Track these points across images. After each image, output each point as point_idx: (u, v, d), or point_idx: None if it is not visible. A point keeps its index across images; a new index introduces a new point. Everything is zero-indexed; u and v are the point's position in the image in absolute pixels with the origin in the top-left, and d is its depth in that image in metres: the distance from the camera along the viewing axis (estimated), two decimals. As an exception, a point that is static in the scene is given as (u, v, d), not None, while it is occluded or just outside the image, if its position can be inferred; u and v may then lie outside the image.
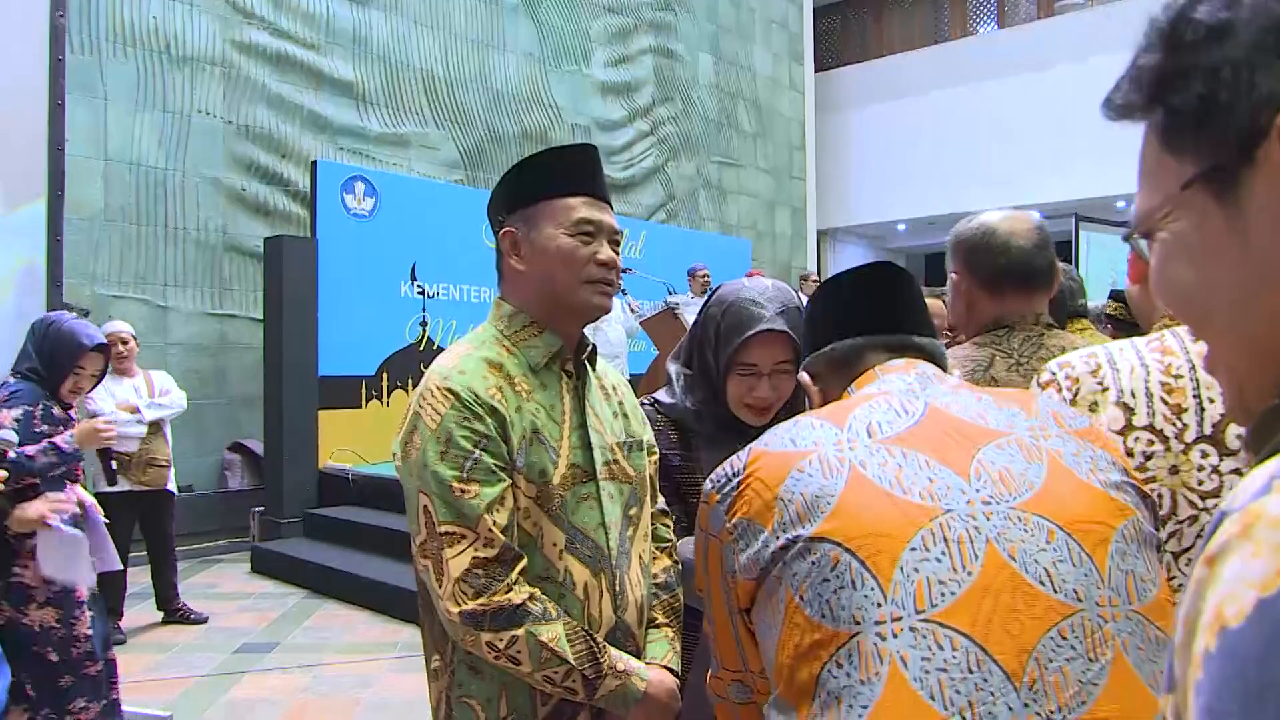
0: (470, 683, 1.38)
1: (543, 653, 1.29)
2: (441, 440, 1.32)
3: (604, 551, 1.41)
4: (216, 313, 7.29)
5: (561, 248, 1.40)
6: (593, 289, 1.42)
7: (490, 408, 1.34)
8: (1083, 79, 12.29)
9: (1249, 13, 0.43)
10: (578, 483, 1.40)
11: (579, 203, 1.42)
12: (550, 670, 1.30)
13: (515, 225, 1.44)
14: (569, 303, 1.42)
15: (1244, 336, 0.42)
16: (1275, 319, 0.40)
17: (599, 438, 1.45)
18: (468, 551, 1.29)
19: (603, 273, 1.42)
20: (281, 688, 4.05)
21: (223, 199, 7.32)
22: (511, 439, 1.35)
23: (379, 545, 5.81)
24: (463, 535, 1.29)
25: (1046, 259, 1.72)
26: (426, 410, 1.35)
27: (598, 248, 1.42)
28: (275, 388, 6.68)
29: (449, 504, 1.30)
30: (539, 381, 1.42)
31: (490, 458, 1.32)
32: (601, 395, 1.54)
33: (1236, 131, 0.43)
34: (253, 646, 4.63)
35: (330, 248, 7.03)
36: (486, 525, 1.29)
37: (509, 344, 1.43)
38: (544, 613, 1.31)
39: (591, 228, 1.41)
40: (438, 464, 1.31)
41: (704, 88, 12.05)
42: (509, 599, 1.28)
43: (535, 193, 1.43)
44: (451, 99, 9.00)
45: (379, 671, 4.26)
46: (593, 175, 1.46)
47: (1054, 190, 12.60)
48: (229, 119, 7.37)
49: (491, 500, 1.30)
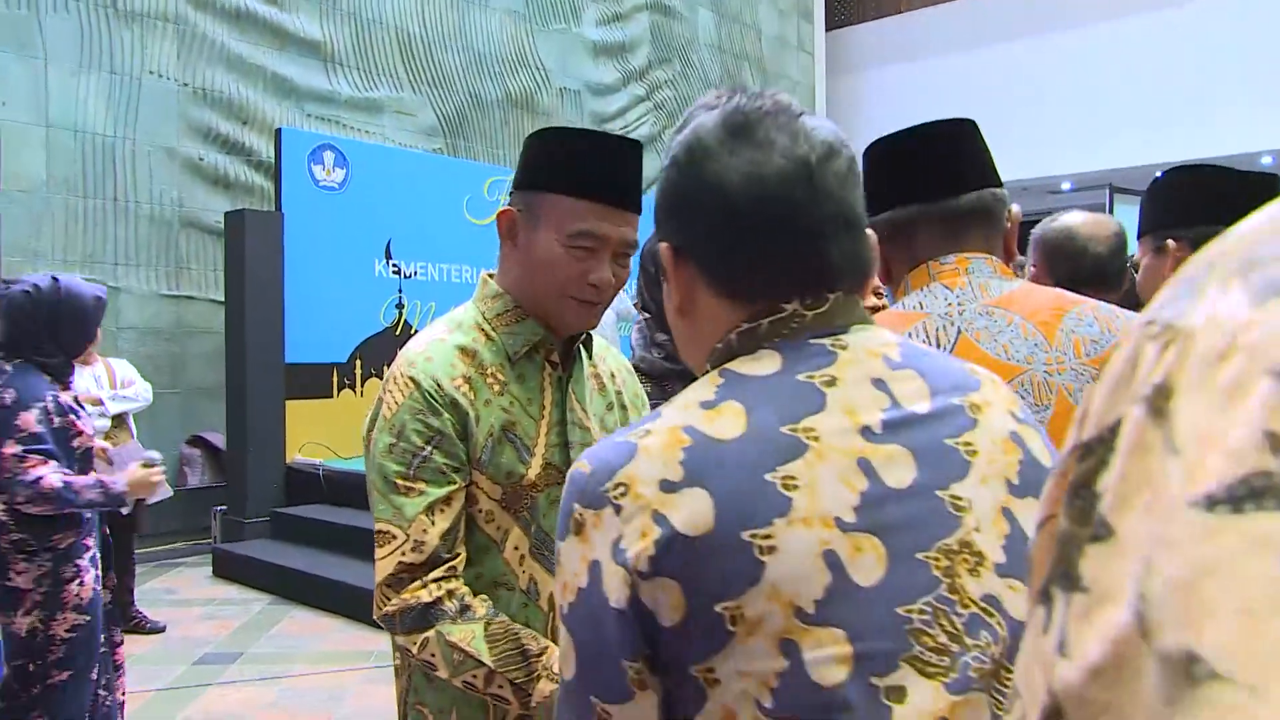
0: (424, 690, 1.39)
1: (454, 654, 1.26)
2: (394, 432, 1.32)
3: None
4: (172, 294, 7.26)
5: (552, 257, 1.35)
6: (574, 306, 1.38)
7: (451, 401, 1.33)
8: (1118, 40, 12.26)
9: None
10: (552, 484, 1.38)
11: (588, 209, 1.33)
12: (468, 675, 1.27)
13: (518, 206, 1.40)
14: (545, 313, 1.40)
15: None
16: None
17: (582, 435, 1.43)
18: (394, 555, 1.29)
19: (590, 294, 1.36)
20: (246, 702, 4.04)
21: (178, 169, 7.28)
22: (474, 435, 1.34)
23: (352, 547, 5.80)
24: (393, 536, 1.30)
25: (1120, 263, 2.02)
26: (388, 396, 1.36)
27: (593, 266, 1.35)
28: (238, 376, 6.65)
29: (388, 500, 1.31)
30: (516, 373, 1.40)
31: (442, 456, 1.32)
32: (595, 386, 1.51)
33: None
34: (214, 657, 4.62)
35: (297, 223, 6.98)
36: (420, 527, 1.29)
37: (488, 328, 1.41)
38: (461, 610, 1.28)
39: (592, 243, 1.34)
40: (385, 457, 1.32)
41: (705, 48, 12.00)
42: (418, 597, 1.28)
43: (546, 179, 1.36)
44: (429, 60, 8.95)
45: (352, 683, 4.25)
46: (618, 178, 1.36)
47: (1087, 160, 12.58)
48: (184, 81, 7.32)
49: (434, 501, 1.30)
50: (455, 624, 1.27)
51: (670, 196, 0.93)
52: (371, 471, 1.34)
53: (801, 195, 0.84)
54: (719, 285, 0.88)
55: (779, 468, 0.76)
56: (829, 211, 0.85)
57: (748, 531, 0.74)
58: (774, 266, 0.86)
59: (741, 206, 0.85)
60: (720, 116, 0.90)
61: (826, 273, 0.85)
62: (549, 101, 9.88)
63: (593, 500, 0.79)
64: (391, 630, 1.31)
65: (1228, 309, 0.25)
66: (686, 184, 0.90)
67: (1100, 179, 12.57)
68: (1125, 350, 0.28)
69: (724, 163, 0.86)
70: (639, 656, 0.76)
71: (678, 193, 0.92)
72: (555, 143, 1.40)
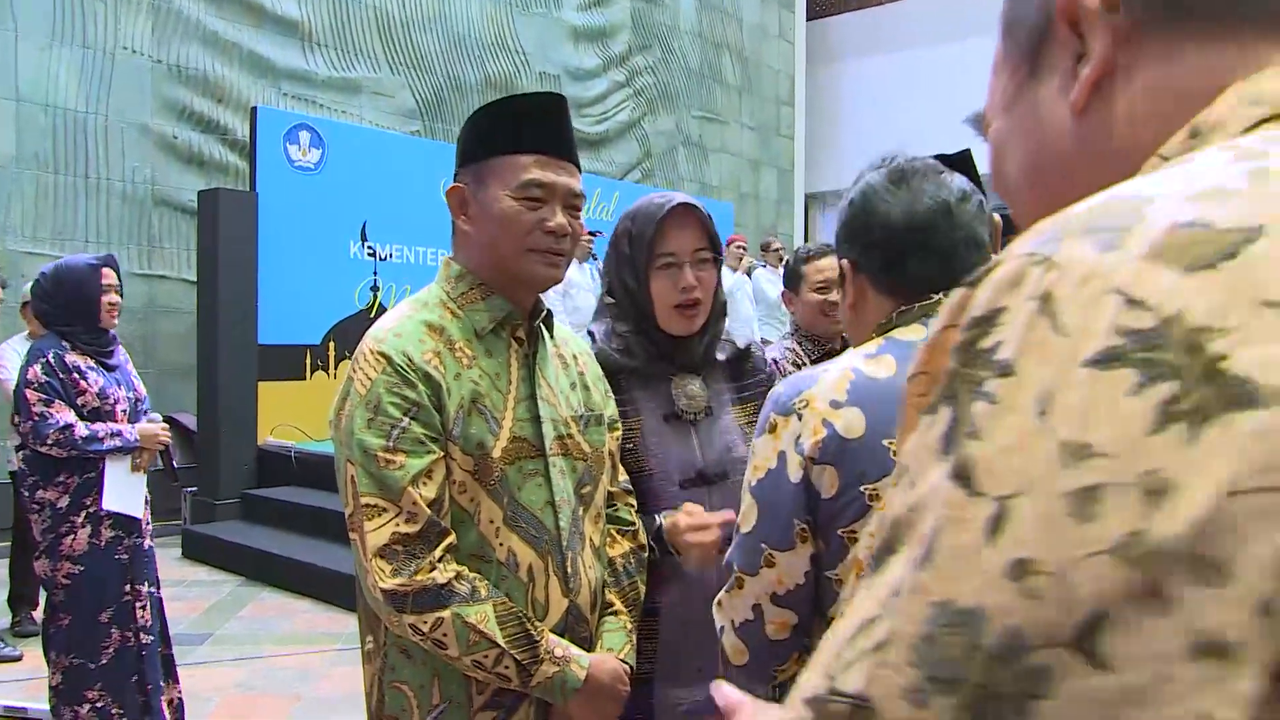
0: (403, 667, 1.39)
1: (470, 635, 1.30)
2: (370, 407, 1.33)
3: (551, 532, 1.41)
4: (144, 273, 7.19)
5: (505, 212, 1.39)
6: (539, 258, 1.42)
7: (424, 374, 1.35)
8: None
9: None
10: (523, 457, 1.40)
11: (531, 161, 1.40)
12: (479, 654, 1.30)
13: (465, 181, 1.44)
14: (513, 272, 1.43)
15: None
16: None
17: (551, 410, 1.46)
18: (388, 526, 1.30)
19: (549, 241, 1.41)
20: (214, 682, 4.03)
21: (151, 147, 7.20)
22: (447, 407, 1.36)
23: (323, 529, 5.78)
24: (384, 508, 1.31)
25: None
26: (358, 375, 1.37)
27: (546, 214, 1.40)
28: (210, 357, 6.61)
29: (372, 474, 1.32)
30: (484, 348, 1.43)
31: (420, 427, 1.33)
32: (559, 364, 1.54)
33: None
34: (183, 638, 4.59)
35: (272, 203, 6.93)
36: (410, 498, 1.30)
37: (454, 306, 1.44)
38: (472, 592, 1.31)
39: (541, 191, 1.40)
40: (364, 432, 1.33)
41: (685, 35, 11.98)
42: (433, 578, 1.29)
43: (487, 147, 1.43)
44: (408, 41, 8.88)
45: (321, 664, 4.24)
46: (552, 129, 1.44)
47: (1062, 154, 12.68)
48: (158, 58, 7.23)
49: (418, 472, 1.32)
50: (470, 605, 1.30)
51: (848, 227, 1.26)
52: (349, 449, 1.34)
53: (943, 225, 1.19)
54: (881, 287, 1.23)
55: None
56: (960, 236, 1.20)
57: (887, 439, 1.10)
58: (918, 271, 1.20)
59: (901, 233, 1.20)
60: (885, 172, 1.24)
61: (958, 276, 1.12)
62: (528, 85, 9.84)
63: (784, 410, 1.18)
64: (399, 608, 1.29)
65: (1081, 253, 0.38)
66: (861, 218, 1.24)
67: (1075, 174, 12.66)
68: (1010, 267, 0.40)
69: (888, 202, 1.21)
70: (804, 519, 1.14)
71: (855, 225, 1.25)
72: (490, 113, 1.45)
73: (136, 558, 3.21)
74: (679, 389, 1.76)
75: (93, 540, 3.12)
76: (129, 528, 3.20)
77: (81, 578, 3.11)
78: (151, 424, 3.34)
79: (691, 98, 12.08)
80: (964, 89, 13.46)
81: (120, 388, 3.29)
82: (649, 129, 11.45)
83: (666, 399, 1.75)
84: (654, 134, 11.52)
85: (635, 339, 1.75)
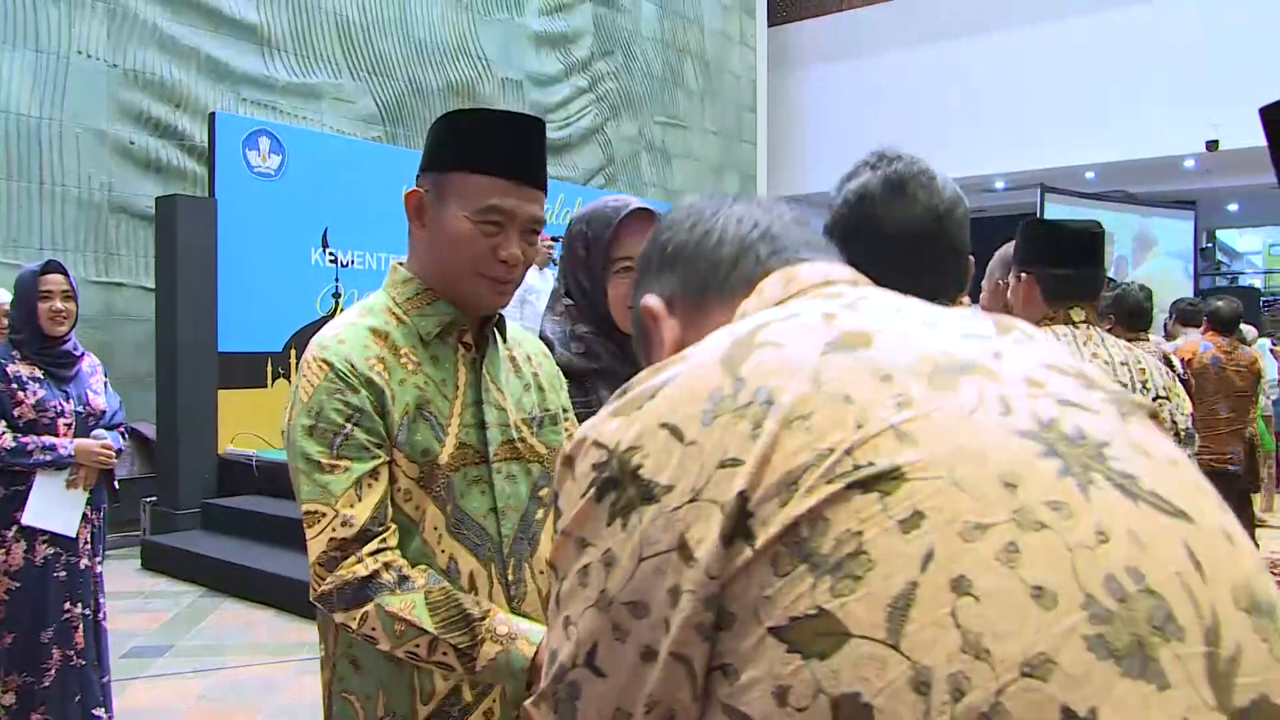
0: (350, 678, 1.38)
1: (394, 625, 1.25)
2: (311, 414, 1.32)
3: (493, 539, 1.40)
4: (101, 280, 7.08)
5: (459, 233, 1.35)
6: (486, 285, 1.39)
7: (367, 379, 1.33)
8: (1053, 42, 12.54)
9: None
10: (468, 464, 1.39)
11: (494, 186, 1.35)
12: (410, 645, 1.26)
13: (424, 187, 1.40)
14: (458, 291, 1.40)
15: None
16: None
17: (498, 415, 1.44)
18: (325, 532, 1.29)
19: (501, 270, 1.38)
20: (175, 694, 3.98)
21: (107, 152, 7.10)
22: (391, 414, 1.34)
23: (285, 538, 5.72)
24: (323, 514, 1.29)
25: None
26: (302, 382, 1.35)
27: (501, 242, 1.36)
28: (169, 365, 6.53)
29: (313, 481, 1.30)
30: (429, 354, 1.41)
31: (363, 433, 1.32)
32: (511, 368, 1.52)
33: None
34: (143, 650, 4.53)
35: (231, 209, 6.86)
36: (347, 503, 1.29)
37: (400, 312, 1.41)
38: (399, 581, 1.27)
39: (501, 218, 1.36)
40: (305, 439, 1.31)
41: (647, 41, 12.02)
42: (355, 572, 1.27)
43: (451, 158, 1.38)
44: (369, 47, 8.83)
45: (284, 675, 4.20)
46: (523, 154, 1.39)
47: (1020, 159, 12.85)
48: (114, 62, 7.13)
49: (359, 476, 1.30)
50: (394, 594, 1.26)
51: (839, 226, 1.26)
52: (293, 457, 1.33)
53: (934, 234, 1.23)
54: None
55: None
56: (945, 246, 1.24)
57: None
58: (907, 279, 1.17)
59: (890, 240, 1.22)
60: (883, 177, 1.26)
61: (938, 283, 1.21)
62: (490, 91, 9.82)
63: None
64: (330, 609, 1.29)
65: (602, 423, 0.62)
66: (855, 220, 1.25)
67: (1032, 178, 12.84)
68: (581, 443, 0.63)
69: (884, 209, 1.23)
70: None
71: (848, 226, 1.26)
72: (461, 122, 1.40)
73: (73, 577, 3.14)
74: None
75: (28, 556, 3.06)
76: (67, 546, 3.13)
77: (20, 595, 3.04)
78: (93, 441, 3.23)
79: (654, 103, 12.11)
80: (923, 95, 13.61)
81: (70, 401, 3.21)
82: (612, 134, 11.46)
83: None
84: (617, 139, 11.53)
85: (596, 340, 1.75)
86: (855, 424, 0.54)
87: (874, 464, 0.52)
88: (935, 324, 0.63)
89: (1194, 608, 0.49)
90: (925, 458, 0.52)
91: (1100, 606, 0.48)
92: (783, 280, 0.74)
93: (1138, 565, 0.49)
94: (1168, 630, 0.48)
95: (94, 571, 3.25)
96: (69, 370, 3.25)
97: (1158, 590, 0.49)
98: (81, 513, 3.19)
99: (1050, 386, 0.58)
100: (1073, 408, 0.56)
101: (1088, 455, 0.53)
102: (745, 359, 0.59)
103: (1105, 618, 0.47)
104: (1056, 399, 0.56)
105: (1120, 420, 0.57)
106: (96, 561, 3.28)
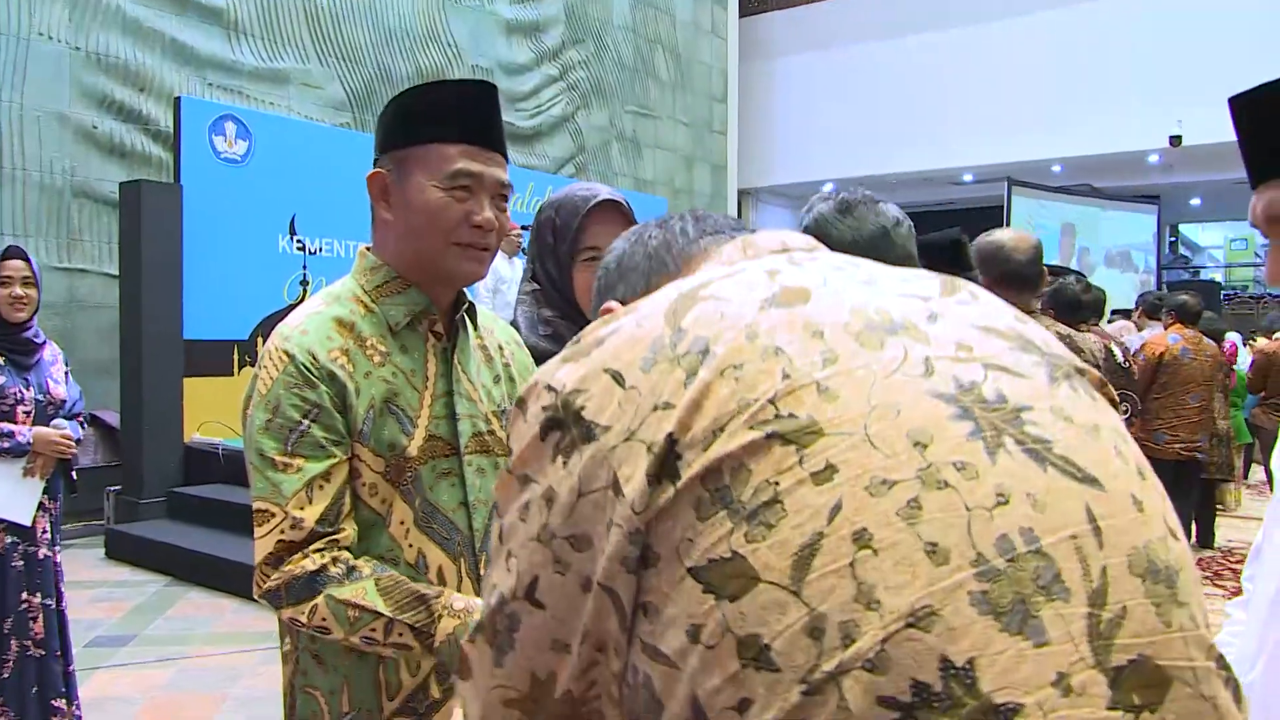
0: (314, 673, 1.35)
1: (347, 612, 1.24)
2: (269, 408, 1.29)
3: (464, 533, 1.38)
4: (64, 267, 6.99)
5: (430, 203, 1.33)
6: (463, 253, 1.36)
7: (328, 373, 1.30)
8: (1024, 35, 12.64)
9: None
10: (438, 456, 1.36)
11: (458, 151, 1.34)
12: (365, 630, 1.25)
13: (386, 168, 1.38)
14: (434, 266, 1.37)
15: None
16: None
17: (470, 407, 1.41)
18: (273, 533, 1.27)
19: (475, 235, 1.36)
20: (138, 684, 3.94)
21: (70, 137, 6.99)
22: (354, 408, 1.31)
23: (251, 527, 5.68)
24: (271, 514, 1.27)
25: (1037, 269, 2.63)
26: (262, 373, 1.32)
27: (473, 206, 1.35)
28: (134, 352, 6.45)
29: (265, 478, 1.28)
30: (399, 344, 1.38)
31: (320, 430, 1.28)
32: (482, 358, 1.49)
33: None
34: (106, 640, 4.49)
35: (197, 195, 6.78)
36: (297, 505, 1.26)
37: (368, 300, 1.38)
38: (348, 573, 1.26)
39: (469, 181, 1.34)
40: (261, 434, 1.29)
41: (619, 30, 11.98)
42: (303, 567, 1.25)
43: (411, 133, 1.36)
44: (337, 33, 8.75)
45: (249, 664, 4.18)
46: (482, 119, 1.38)
47: (988, 153, 12.95)
48: (76, 45, 7.02)
49: (313, 476, 1.27)
50: (342, 585, 1.25)
51: None
52: (249, 450, 1.30)
53: (882, 246, 1.43)
54: None
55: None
56: (897, 255, 1.42)
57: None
58: None
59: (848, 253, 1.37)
60: (834, 204, 1.49)
61: None
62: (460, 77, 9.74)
63: None
64: (277, 605, 1.27)
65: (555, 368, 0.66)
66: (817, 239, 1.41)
67: (1000, 172, 12.96)
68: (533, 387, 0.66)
69: (838, 229, 1.45)
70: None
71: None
72: (417, 97, 1.39)
73: (31, 567, 3.10)
74: None
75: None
76: (24, 535, 3.09)
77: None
78: (53, 430, 3.19)
79: (625, 93, 12.09)
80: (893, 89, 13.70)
81: (30, 389, 3.17)
82: (582, 123, 11.43)
83: None
84: (588, 129, 11.50)
85: (563, 324, 1.75)
86: (782, 375, 0.57)
87: (794, 415, 0.55)
88: (874, 282, 0.66)
89: (1083, 569, 0.51)
90: (842, 414, 0.55)
91: (989, 565, 0.50)
92: (741, 246, 0.76)
93: (1032, 527, 0.52)
94: (1053, 590, 0.50)
95: (54, 561, 3.22)
96: (29, 358, 3.20)
97: (1048, 551, 0.51)
98: (38, 501, 3.14)
99: (980, 349, 0.60)
100: (998, 370, 0.58)
101: (1003, 419, 0.55)
102: (688, 310, 0.62)
103: (992, 575, 0.50)
104: (983, 362, 0.59)
105: (1049, 384, 0.59)
106: (56, 551, 3.24)
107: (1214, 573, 6.00)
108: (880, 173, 12.83)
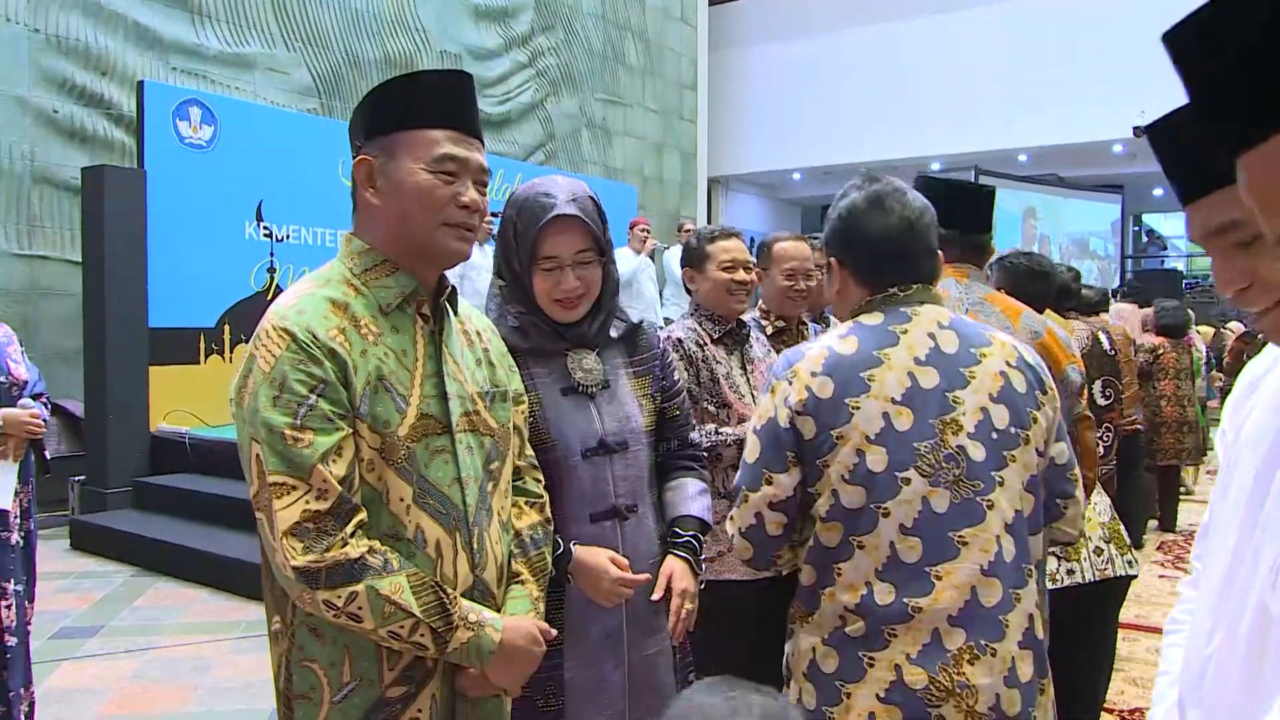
0: (312, 646, 1.38)
1: (385, 606, 1.30)
2: (275, 384, 1.31)
3: (458, 508, 1.43)
4: (24, 253, 6.87)
5: (420, 185, 1.40)
6: (451, 233, 1.43)
7: (330, 350, 1.34)
8: (991, 25, 12.71)
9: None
10: (430, 434, 1.41)
11: (444, 136, 1.41)
12: (395, 625, 1.31)
13: (372, 153, 1.43)
14: (424, 246, 1.43)
15: None
16: None
17: (457, 386, 1.46)
18: (298, 504, 1.29)
19: (463, 216, 1.43)
20: (105, 675, 3.91)
21: (29, 121, 6.86)
22: (353, 384, 1.35)
23: (220, 516, 5.64)
24: (293, 486, 1.29)
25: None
26: (261, 352, 1.34)
27: (460, 188, 1.42)
28: (97, 341, 6.36)
29: (279, 453, 1.29)
30: (390, 324, 1.42)
31: (327, 404, 1.32)
32: (464, 341, 1.55)
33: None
34: (72, 631, 4.45)
35: (161, 181, 6.69)
36: (320, 476, 1.29)
37: (358, 283, 1.43)
38: (385, 565, 1.32)
39: (455, 165, 1.42)
40: (269, 410, 1.31)
41: (588, 16, 11.93)
42: (345, 553, 1.29)
43: (397, 120, 1.42)
44: (304, 17, 8.64)
45: (218, 654, 4.15)
46: (463, 107, 1.46)
47: (956, 142, 13.04)
48: (35, 27, 6.88)
49: (327, 449, 1.30)
50: (383, 577, 1.30)
51: (838, 234, 1.70)
52: (253, 428, 1.31)
53: (907, 237, 1.64)
54: (859, 280, 1.68)
55: (867, 370, 1.56)
56: (920, 245, 1.66)
57: (849, 398, 1.55)
58: (888, 272, 1.65)
59: (877, 243, 1.65)
60: (864, 195, 1.66)
61: (914, 275, 1.66)
62: (429, 64, 9.66)
63: (779, 377, 1.63)
64: (313, 586, 1.28)
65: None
66: (847, 229, 1.68)
67: (968, 160, 13.06)
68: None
69: (868, 220, 1.65)
70: (792, 451, 1.58)
71: (843, 234, 1.69)
72: (402, 86, 1.45)
73: (4, 552, 3.05)
74: (574, 363, 1.81)
75: None
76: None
77: None
78: (21, 410, 3.13)
79: (595, 80, 12.04)
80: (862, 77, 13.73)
81: None
82: (552, 110, 11.38)
83: (563, 373, 1.80)
84: (557, 116, 11.45)
85: (527, 319, 1.79)
86: None
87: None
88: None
89: None
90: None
91: None
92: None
93: None
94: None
95: (32, 544, 3.18)
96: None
97: None
98: (12, 485, 3.09)
99: None
100: None
101: None
102: None
103: None
104: None
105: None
106: (34, 532, 3.20)
107: (1176, 556, 6.11)
108: (849, 161, 12.88)
